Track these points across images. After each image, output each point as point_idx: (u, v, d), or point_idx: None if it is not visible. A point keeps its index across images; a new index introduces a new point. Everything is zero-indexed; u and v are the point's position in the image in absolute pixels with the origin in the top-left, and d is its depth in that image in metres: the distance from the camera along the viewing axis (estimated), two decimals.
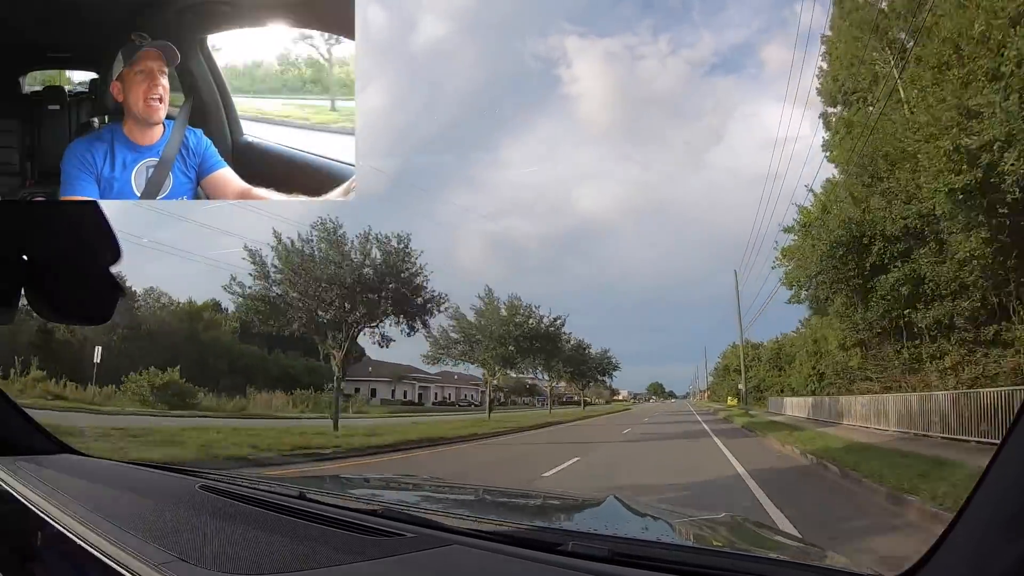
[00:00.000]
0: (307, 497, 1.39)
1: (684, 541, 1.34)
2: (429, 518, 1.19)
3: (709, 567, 0.93)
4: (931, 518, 4.98)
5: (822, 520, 5.31)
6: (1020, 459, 0.66)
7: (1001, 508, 0.66)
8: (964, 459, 7.82)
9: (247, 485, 1.61)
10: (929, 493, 5.54)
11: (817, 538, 2.12)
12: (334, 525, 1.11)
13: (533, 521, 1.55)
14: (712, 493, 6.84)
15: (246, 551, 0.96)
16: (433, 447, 13.20)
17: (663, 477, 8.25)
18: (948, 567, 0.72)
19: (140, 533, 1.01)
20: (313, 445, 11.08)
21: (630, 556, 0.93)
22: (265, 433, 12.52)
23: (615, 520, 1.52)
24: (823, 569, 1.00)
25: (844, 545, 4.09)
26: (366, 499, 1.52)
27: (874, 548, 4.21)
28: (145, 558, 0.88)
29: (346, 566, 0.90)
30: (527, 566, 0.90)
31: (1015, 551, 0.61)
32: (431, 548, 0.97)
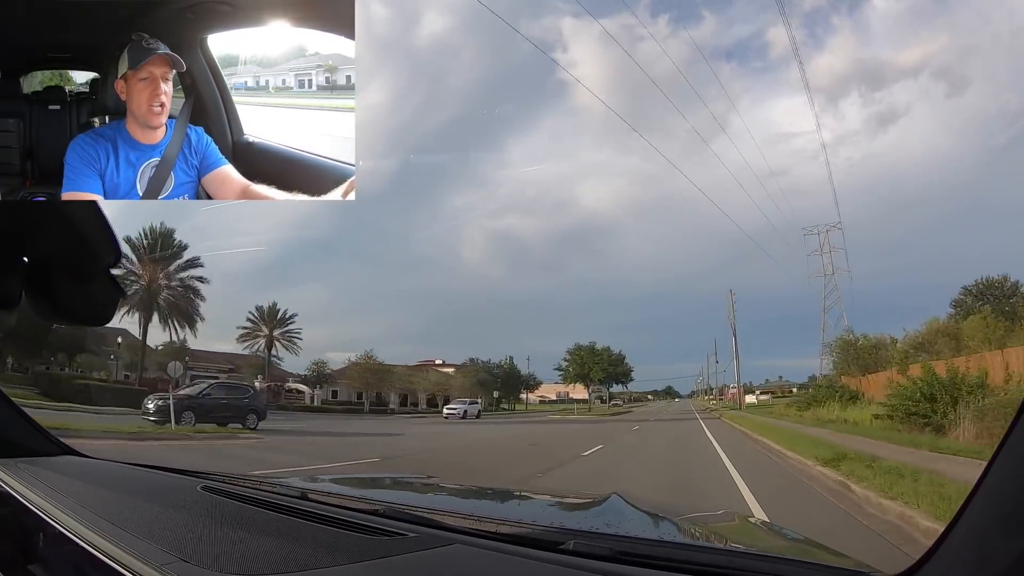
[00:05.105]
0: (309, 498, 1.39)
1: (686, 540, 1.34)
2: (431, 518, 1.19)
3: (711, 565, 0.93)
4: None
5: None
6: (1018, 459, 0.66)
7: (1000, 508, 0.67)
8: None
9: (249, 486, 1.61)
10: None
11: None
12: (336, 525, 1.11)
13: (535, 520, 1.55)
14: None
15: (248, 552, 0.96)
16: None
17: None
18: (947, 567, 0.72)
19: (141, 534, 1.01)
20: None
21: (632, 555, 0.93)
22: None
23: (617, 519, 1.52)
24: (823, 567, 1.01)
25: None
26: (368, 499, 1.52)
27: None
28: (147, 559, 0.88)
29: (348, 566, 0.90)
30: (529, 565, 0.90)
31: (1014, 551, 0.61)
32: (433, 548, 0.97)
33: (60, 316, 1.10)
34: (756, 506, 5.88)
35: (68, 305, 1.05)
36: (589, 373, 50.35)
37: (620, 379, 54.46)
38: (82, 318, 1.15)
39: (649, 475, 8.93)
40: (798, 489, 7.47)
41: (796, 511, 5.99)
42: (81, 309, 1.07)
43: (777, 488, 7.60)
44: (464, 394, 50.59)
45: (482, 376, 52.79)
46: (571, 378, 52.15)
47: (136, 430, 13.51)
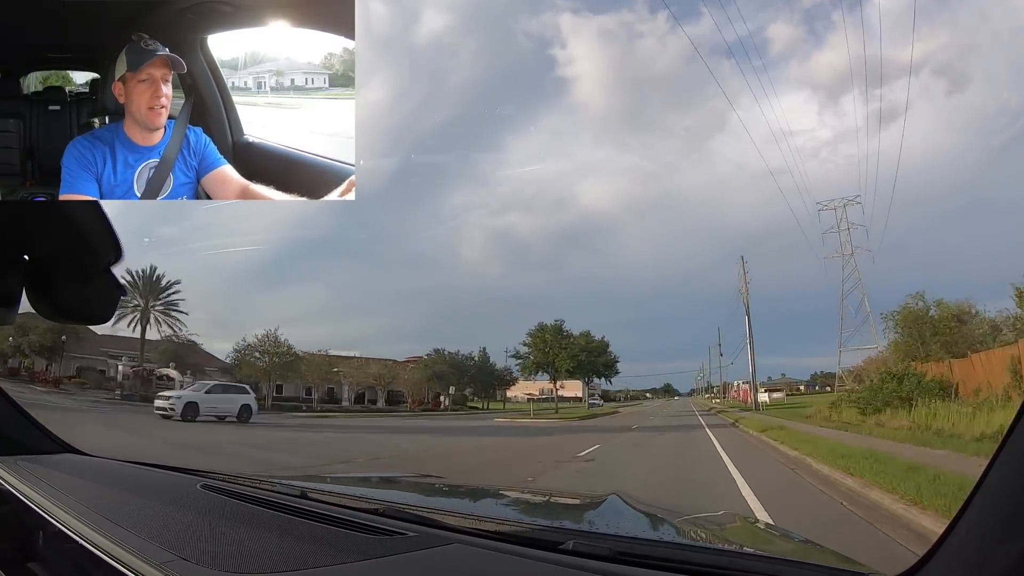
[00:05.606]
0: (309, 496, 1.39)
1: (685, 540, 1.34)
2: (431, 517, 1.18)
3: (710, 565, 0.93)
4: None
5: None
6: (1018, 460, 0.66)
7: (999, 509, 0.67)
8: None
9: (249, 485, 1.61)
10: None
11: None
12: (336, 524, 1.11)
13: (535, 520, 1.56)
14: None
15: (248, 550, 0.96)
16: None
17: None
18: (947, 567, 0.72)
19: (142, 532, 1.02)
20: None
21: (632, 555, 0.93)
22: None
23: (616, 519, 1.52)
24: (823, 568, 1.00)
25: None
26: (368, 498, 1.52)
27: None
28: (147, 557, 0.88)
29: (348, 565, 0.90)
30: (529, 565, 0.90)
31: (1014, 551, 0.61)
32: (433, 547, 0.97)
33: (60, 315, 1.10)
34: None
35: (68, 304, 1.05)
36: (555, 361, 38.78)
37: (601, 372, 43.08)
38: (82, 317, 1.15)
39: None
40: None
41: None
42: (81, 308, 1.08)
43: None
44: (414, 389, 42.39)
45: (439, 368, 43.54)
46: (530, 368, 40.69)
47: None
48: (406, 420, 29.20)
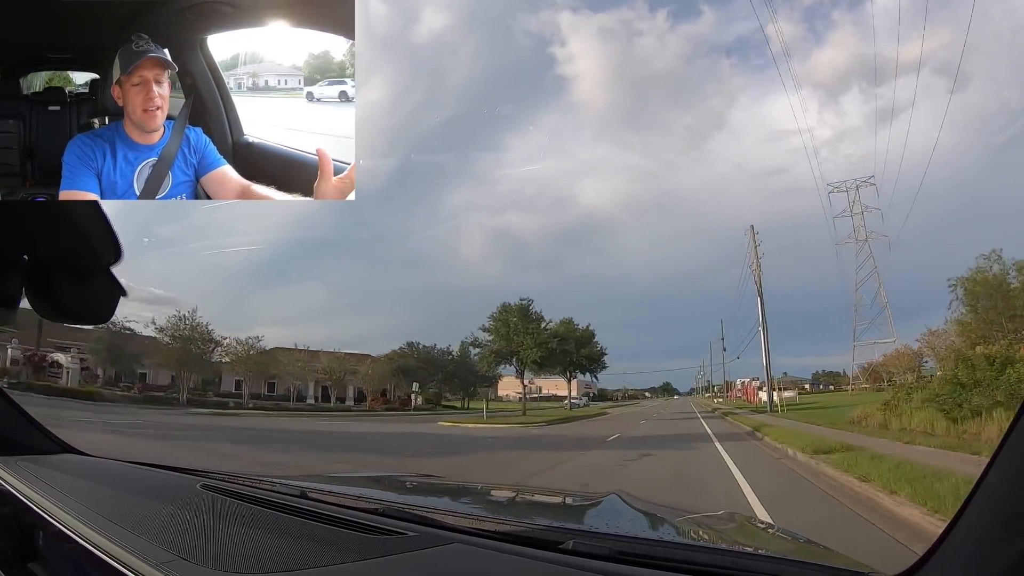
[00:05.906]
0: (309, 496, 1.39)
1: (685, 539, 1.34)
2: (431, 517, 1.18)
3: (710, 565, 0.93)
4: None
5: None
6: (1018, 460, 0.66)
7: (999, 508, 0.67)
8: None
9: (249, 484, 1.61)
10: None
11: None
12: (336, 524, 1.11)
13: (535, 519, 1.56)
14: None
15: (248, 550, 0.96)
16: None
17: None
18: (947, 567, 0.72)
19: (141, 532, 1.02)
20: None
21: (632, 555, 0.93)
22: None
23: (616, 519, 1.52)
24: (823, 567, 1.00)
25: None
26: (368, 498, 1.52)
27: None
28: (146, 557, 0.88)
29: (348, 565, 0.90)
30: (529, 564, 0.90)
31: (1013, 551, 0.61)
32: (433, 547, 0.97)
33: (60, 315, 1.10)
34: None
35: (68, 304, 1.06)
36: (519, 351, 31.14)
37: (585, 366, 36.08)
38: (82, 317, 1.15)
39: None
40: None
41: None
42: (81, 308, 1.08)
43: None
44: (373, 385, 36.09)
45: (405, 363, 37.61)
46: (488, 358, 33.15)
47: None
48: (323, 423, 22.14)
